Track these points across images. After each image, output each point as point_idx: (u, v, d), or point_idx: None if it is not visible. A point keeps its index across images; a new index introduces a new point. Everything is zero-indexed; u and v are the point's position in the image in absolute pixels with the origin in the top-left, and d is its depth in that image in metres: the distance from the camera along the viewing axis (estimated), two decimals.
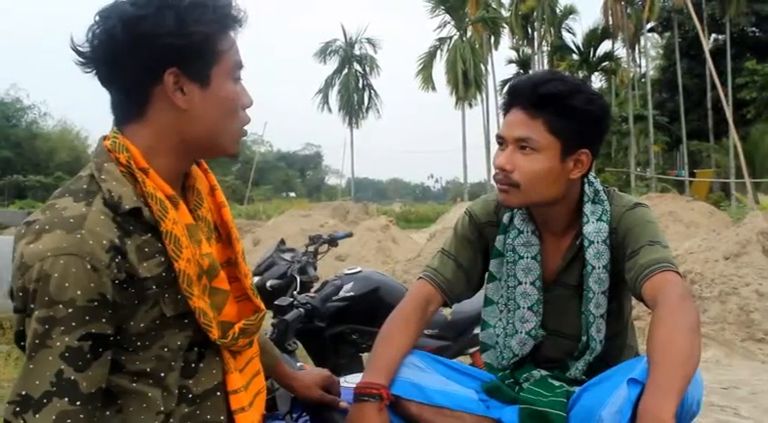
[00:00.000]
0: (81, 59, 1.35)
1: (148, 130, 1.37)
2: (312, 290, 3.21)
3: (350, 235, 4.44)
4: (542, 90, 1.81)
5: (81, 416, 1.21)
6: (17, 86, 67.85)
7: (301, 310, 2.64)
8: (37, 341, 1.20)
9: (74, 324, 1.21)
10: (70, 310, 1.21)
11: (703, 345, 1.62)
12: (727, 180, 30.30)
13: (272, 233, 12.60)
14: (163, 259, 1.33)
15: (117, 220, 1.29)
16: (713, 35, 40.74)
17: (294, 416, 1.93)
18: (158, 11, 1.30)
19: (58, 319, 1.20)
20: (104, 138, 1.39)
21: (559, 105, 1.80)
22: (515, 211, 2.00)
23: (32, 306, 1.22)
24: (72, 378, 1.21)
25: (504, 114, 1.90)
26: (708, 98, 36.23)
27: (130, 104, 1.37)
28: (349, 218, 24.09)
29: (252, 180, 33.36)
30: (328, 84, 51.66)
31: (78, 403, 1.21)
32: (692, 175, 34.31)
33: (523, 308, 1.97)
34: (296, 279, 3.14)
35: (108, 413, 1.31)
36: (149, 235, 1.33)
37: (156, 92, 1.34)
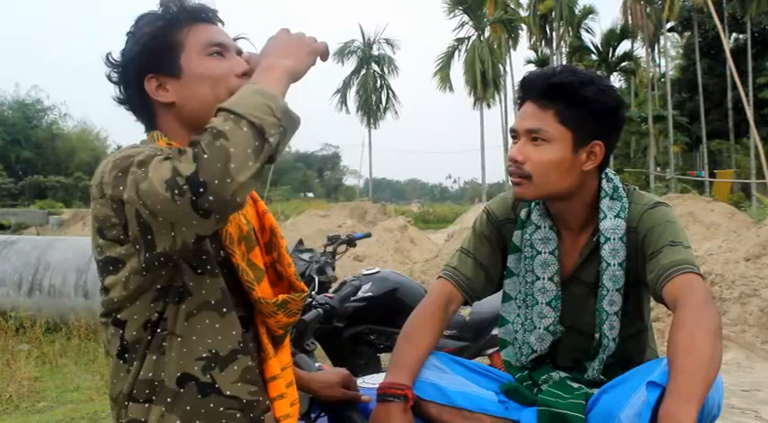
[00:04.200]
0: (118, 101, 1.60)
1: (167, 132, 1.55)
2: (330, 290, 3.21)
3: (368, 235, 4.44)
4: (553, 80, 1.82)
5: None
6: (38, 88, 68.53)
7: (320, 310, 2.64)
8: None
9: None
10: None
11: (724, 347, 1.60)
12: (747, 181, 30.04)
13: (290, 233, 12.61)
14: None
15: None
16: (734, 34, 40.46)
17: (312, 416, 1.94)
18: (127, 40, 1.54)
19: None
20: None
21: (570, 96, 1.80)
22: (533, 206, 2.00)
23: None
24: None
25: (519, 108, 1.92)
26: (728, 98, 35.99)
27: (144, 120, 1.59)
28: (367, 218, 24.11)
29: (270, 180, 33.41)
30: (346, 84, 51.71)
31: None
32: (712, 175, 34.06)
33: (542, 303, 1.96)
34: (314, 279, 3.14)
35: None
36: None
37: (152, 101, 1.54)
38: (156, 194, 1.18)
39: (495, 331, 3.47)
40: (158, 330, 1.39)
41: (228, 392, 1.41)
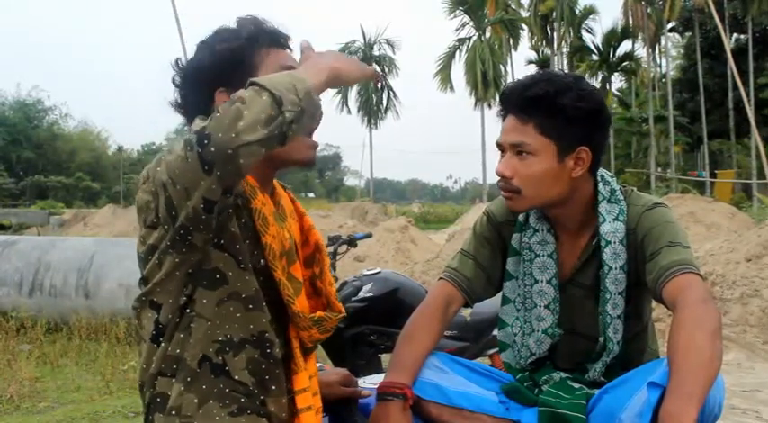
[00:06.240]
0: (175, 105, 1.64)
1: None
2: None
3: (369, 236, 4.44)
4: (530, 93, 1.81)
5: None
6: (39, 88, 68.61)
7: None
8: None
9: None
10: None
11: (725, 347, 1.61)
12: (748, 181, 30.03)
13: None
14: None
15: None
16: (735, 35, 40.45)
17: None
18: (199, 49, 1.60)
19: None
20: None
21: (548, 106, 1.79)
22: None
23: None
24: None
25: (502, 121, 1.91)
26: (729, 98, 35.98)
27: None
28: (368, 218, 24.15)
29: None
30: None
31: None
32: (713, 175, 34.05)
33: (540, 306, 1.96)
34: None
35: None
36: (246, 212, 1.51)
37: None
38: (176, 156, 1.28)
39: (495, 332, 3.47)
40: (187, 311, 1.47)
41: (237, 377, 1.48)
